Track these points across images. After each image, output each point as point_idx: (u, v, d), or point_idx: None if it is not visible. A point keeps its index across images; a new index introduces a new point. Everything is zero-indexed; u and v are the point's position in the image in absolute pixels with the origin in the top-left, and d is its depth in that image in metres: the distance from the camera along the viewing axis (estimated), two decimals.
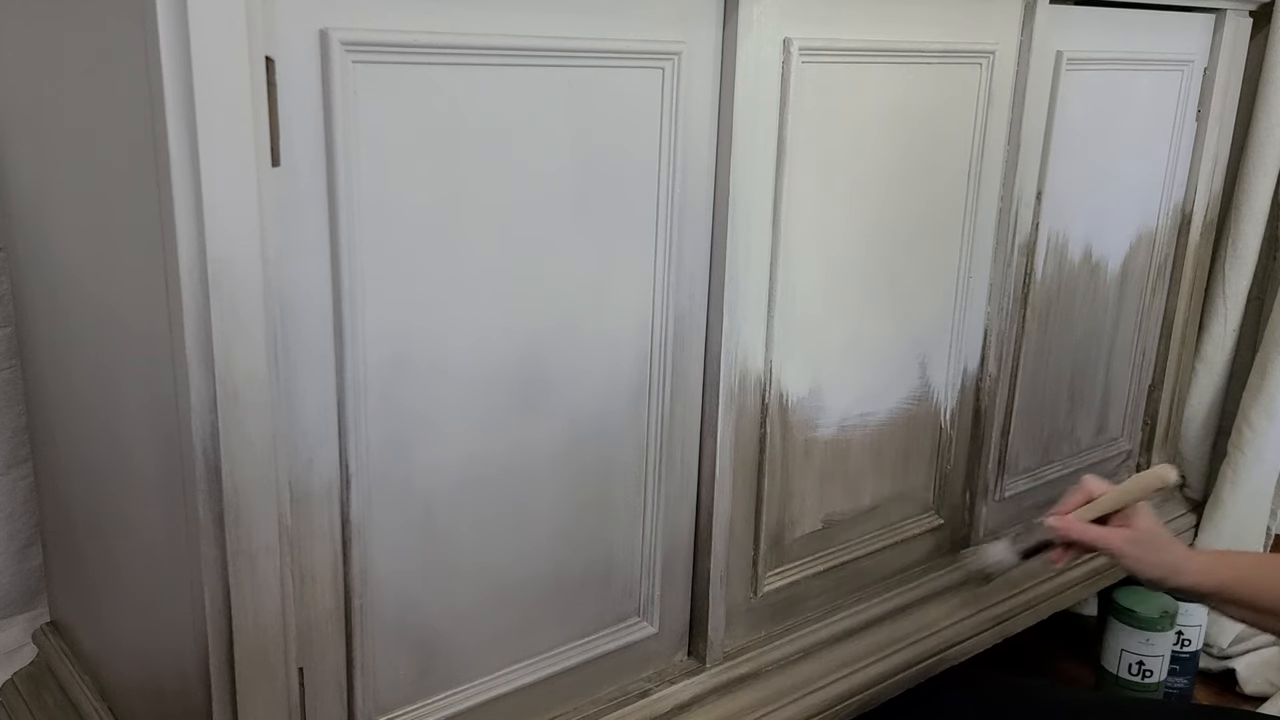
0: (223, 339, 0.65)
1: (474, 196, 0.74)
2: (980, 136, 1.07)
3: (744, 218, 0.89)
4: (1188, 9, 1.26)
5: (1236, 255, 1.44)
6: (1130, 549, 0.96)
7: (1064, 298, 1.25)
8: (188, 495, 0.68)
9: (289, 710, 0.74)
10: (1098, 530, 0.98)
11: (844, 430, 1.06)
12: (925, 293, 1.08)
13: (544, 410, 0.83)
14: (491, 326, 0.78)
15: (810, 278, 0.97)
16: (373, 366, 0.72)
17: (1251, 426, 1.43)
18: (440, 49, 0.70)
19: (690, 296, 0.89)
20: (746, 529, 1.00)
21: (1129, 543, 0.96)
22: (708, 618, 0.98)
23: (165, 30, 0.59)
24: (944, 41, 1.00)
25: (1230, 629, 1.52)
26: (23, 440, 1.04)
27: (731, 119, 0.86)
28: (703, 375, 0.92)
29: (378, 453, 0.74)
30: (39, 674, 1.02)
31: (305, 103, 0.66)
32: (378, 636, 0.78)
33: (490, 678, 0.86)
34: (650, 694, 0.95)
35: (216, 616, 0.70)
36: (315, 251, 0.68)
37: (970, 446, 1.20)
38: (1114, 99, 1.21)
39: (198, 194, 0.62)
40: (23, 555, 1.07)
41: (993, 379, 1.18)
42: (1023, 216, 1.15)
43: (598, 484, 0.88)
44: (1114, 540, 0.97)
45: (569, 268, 0.81)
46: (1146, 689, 1.37)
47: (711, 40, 0.84)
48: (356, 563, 0.75)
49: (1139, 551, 0.96)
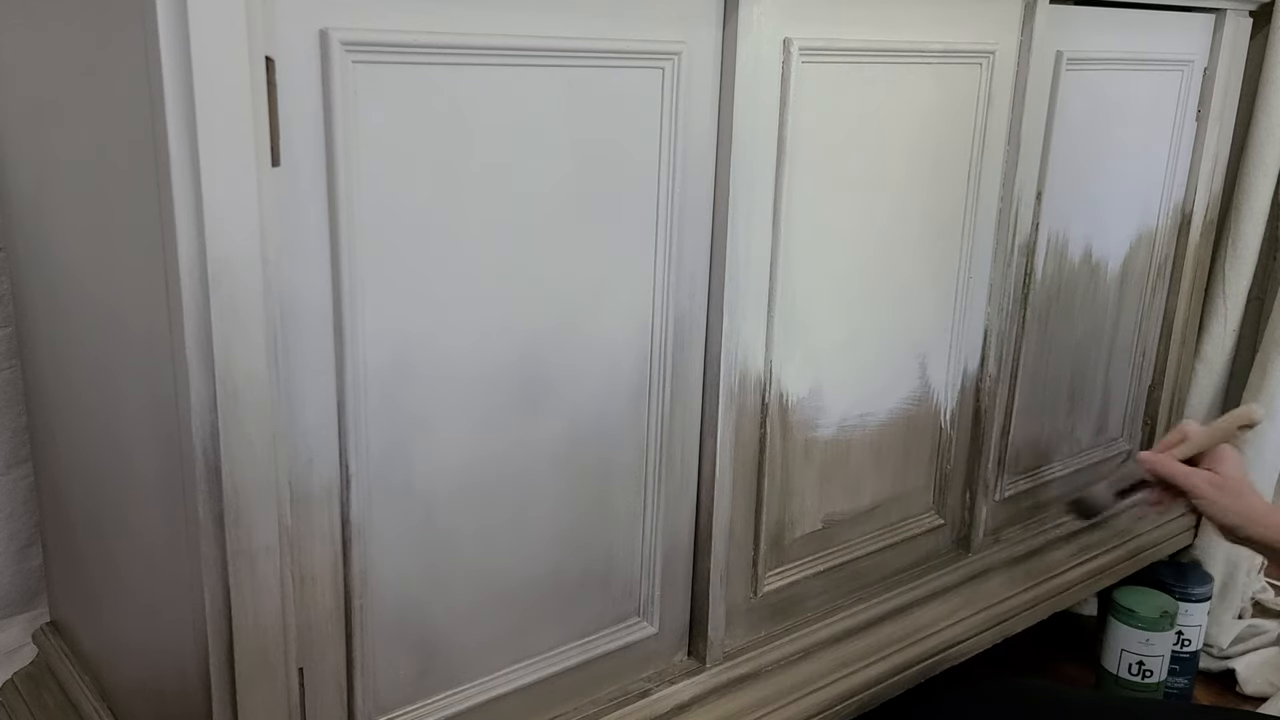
0: (223, 339, 0.65)
1: (474, 197, 0.74)
2: (980, 136, 1.07)
3: (744, 218, 0.89)
4: (1188, 9, 1.26)
5: (1236, 255, 1.44)
6: (1212, 491, 1.00)
7: (1064, 298, 1.25)
8: (188, 495, 0.68)
9: (289, 710, 0.74)
10: (1185, 468, 1.02)
11: (844, 430, 1.06)
12: (925, 293, 1.08)
13: (544, 410, 0.83)
14: (491, 326, 0.78)
15: (810, 278, 0.97)
16: (373, 367, 0.72)
17: None
18: (440, 49, 0.70)
19: (690, 296, 0.89)
20: (746, 529, 1.00)
21: (1212, 485, 1.01)
22: (708, 618, 0.98)
23: (165, 30, 0.59)
24: (944, 41, 1.00)
25: (1230, 629, 1.52)
26: (23, 440, 1.04)
27: (731, 119, 0.86)
28: (703, 375, 0.92)
29: (378, 453, 0.74)
30: (39, 674, 1.02)
31: (305, 103, 0.66)
32: (378, 637, 0.78)
33: (490, 678, 0.86)
34: (650, 694, 0.95)
35: (216, 617, 0.70)
36: (315, 251, 0.68)
37: (970, 446, 1.20)
38: (1114, 99, 1.21)
39: (198, 194, 0.62)
40: (23, 555, 1.07)
41: (993, 379, 1.18)
42: (1023, 216, 1.15)
43: (598, 484, 0.88)
44: (1199, 482, 1.01)
45: (569, 268, 0.81)
46: (1146, 689, 1.37)
47: (711, 40, 0.84)
48: (356, 563, 0.75)
49: (1220, 496, 1.00)
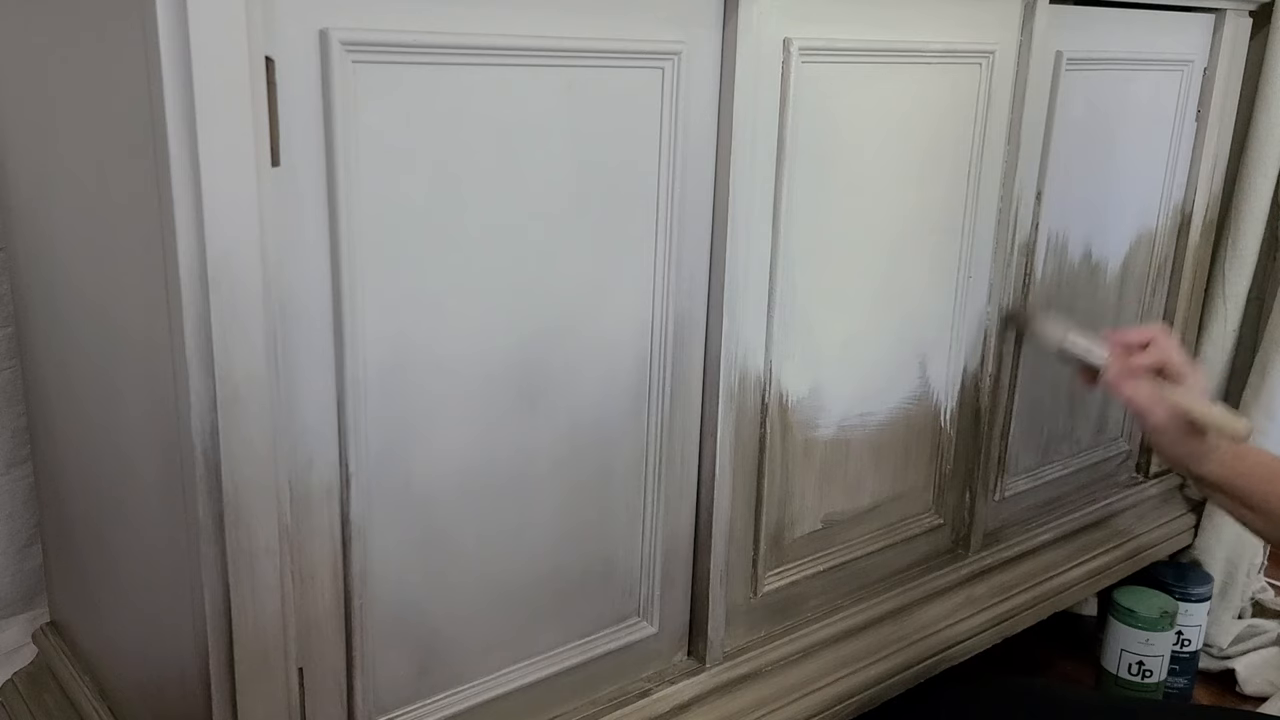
0: (222, 339, 0.65)
1: (474, 197, 0.74)
2: (980, 136, 1.07)
3: (744, 218, 0.89)
4: (1188, 9, 1.26)
5: (1236, 255, 1.44)
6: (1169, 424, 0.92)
7: (1064, 298, 1.25)
8: (188, 495, 0.68)
9: (289, 710, 0.74)
10: (1146, 397, 0.92)
11: (844, 430, 1.06)
12: (925, 293, 1.08)
13: (544, 410, 0.83)
14: (491, 326, 0.78)
15: (810, 278, 0.97)
16: (372, 367, 0.72)
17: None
18: (440, 49, 0.70)
19: (690, 297, 0.89)
20: (746, 529, 1.00)
21: (1172, 424, 0.92)
22: (708, 618, 0.98)
23: (165, 30, 0.59)
24: (944, 41, 1.00)
25: (1230, 629, 1.52)
26: (23, 440, 1.04)
27: (731, 119, 0.86)
28: (702, 375, 0.92)
29: (377, 453, 0.74)
30: (39, 674, 1.02)
31: (305, 103, 0.66)
32: (377, 637, 0.78)
33: (490, 678, 0.86)
34: (650, 694, 0.95)
35: (216, 616, 0.70)
36: (315, 251, 0.68)
37: (970, 446, 1.20)
38: (1114, 99, 1.21)
39: (197, 194, 0.62)
40: (23, 555, 1.07)
41: (993, 379, 1.18)
42: (1023, 216, 1.15)
43: (598, 484, 0.88)
44: (1161, 419, 0.92)
45: (569, 268, 0.81)
46: (1146, 689, 1.37)
47: (711, 40, 0.84)
48: (356, 563, 0.75)
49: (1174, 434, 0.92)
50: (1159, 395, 0.92)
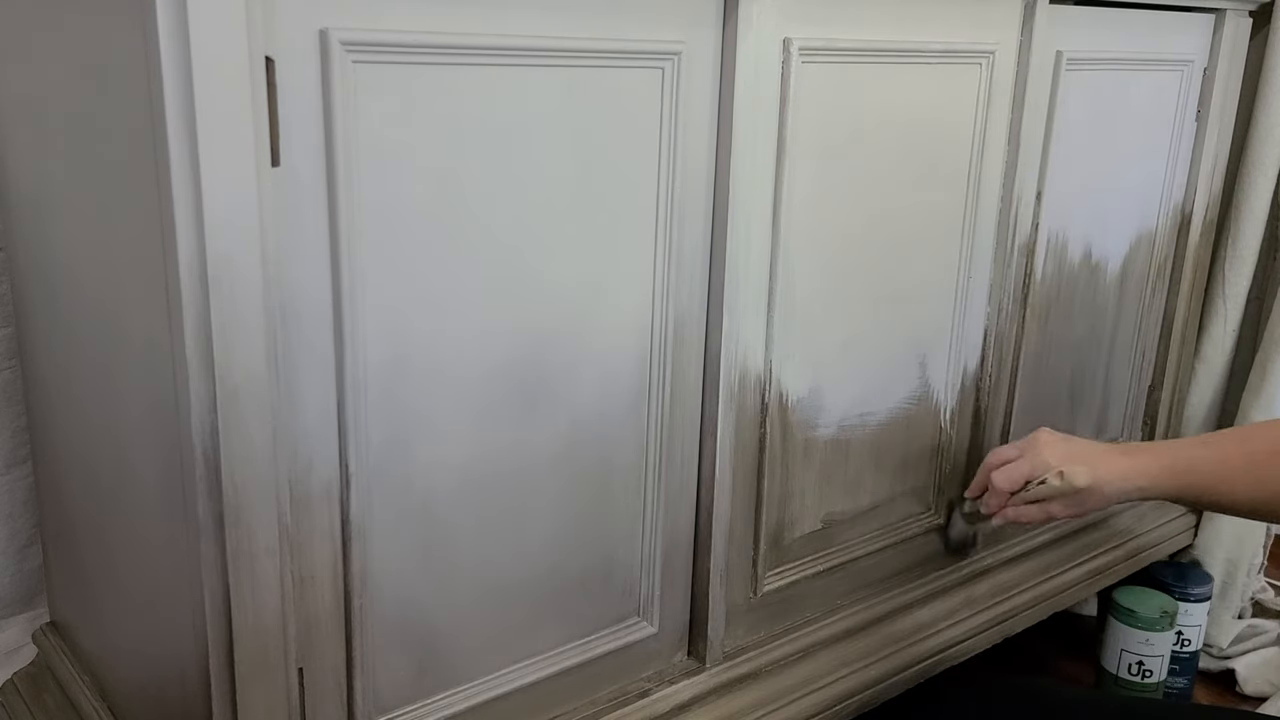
0: (223, 339, 0.65)
1: (474, 196, 0.74)
2: (980, 136, 1.07)
3: (744, 217, 0.89)
4: (1188, 9, 1.26)
5: (1236, 255, 1.44)
6: (1075, 510, 1.03)
7: (1064, 298, 1.25)
8: (188, 495, 0.68)
9: (289, 710, 0.75)
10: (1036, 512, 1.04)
11: (844, 430, 1.06)
12: (925, 293, 1.08)
13: (543, 410, 0.83)
14: (491, 326, 0.78)
15: (810, 278, 0.97)
16: (372, 366, 0.72)
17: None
18: (440, 49, 0.70)
19: (690, 296, 0.89)
20: (746, 529, 1.00)
21: (1071, 507, 1.02)
22: (708, 618, 0.98)
23: (165, 30, 0.59)
24: (944, 41, 1.00)
25: (1230, 629, 1.52)
26: (23, 440, 1.04)
27: (731, 119, 0.86)
28: (702, 375, 0.92)
29: (378, 453, 0.74)
30: (39, 674, 1.02)
31: (305, 103, 0.66)
32: (377, 636, 0.78)
33: (490, 678, 0.86)
34: (650, 694, 0.95)
35: (216, 616, 0.70)
36: (315, 251, 0.68)
37: (970, 446, 1.20)
38: (1114, 99, 1.21)
39: (198, 194, 0.62)
40: (23, 555, 1.07)
41: (993, 379, 1.18)
42: (1023, 217, 1.15)
43: (597, 484, 0.88)
44: (1060, 514, 1.03)
45: (568, 267, 0.81)
46: (1146, 689, 1.37)
47: (711, 40, 0.84)
48: (356, 563, 0.75)
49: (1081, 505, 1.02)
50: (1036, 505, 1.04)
